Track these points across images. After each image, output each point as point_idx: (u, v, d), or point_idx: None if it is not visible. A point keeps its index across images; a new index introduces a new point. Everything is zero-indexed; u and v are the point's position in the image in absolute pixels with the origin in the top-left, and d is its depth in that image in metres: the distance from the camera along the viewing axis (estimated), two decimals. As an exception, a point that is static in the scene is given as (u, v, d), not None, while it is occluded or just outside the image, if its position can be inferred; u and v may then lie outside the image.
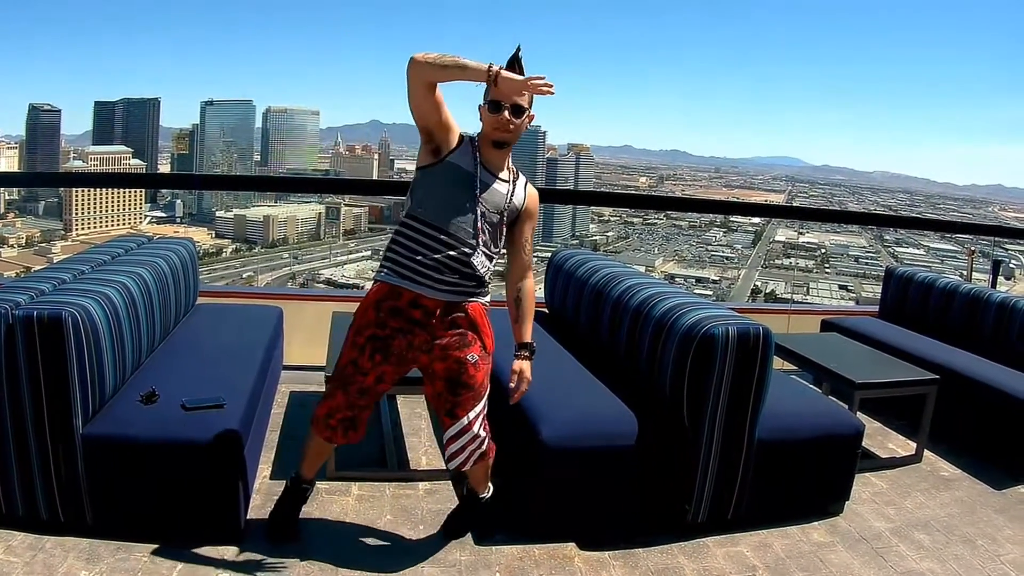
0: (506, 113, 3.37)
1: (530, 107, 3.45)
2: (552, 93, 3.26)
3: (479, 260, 3.51)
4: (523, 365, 3.67)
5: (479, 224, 3.46)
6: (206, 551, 3.60)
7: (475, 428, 3.58)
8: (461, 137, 3.48)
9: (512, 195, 3.55)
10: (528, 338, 3.74)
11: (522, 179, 3.65)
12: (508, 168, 3.58)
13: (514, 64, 3.36)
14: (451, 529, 3.96)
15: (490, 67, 3.25)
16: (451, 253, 3.44)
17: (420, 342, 3.52)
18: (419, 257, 3.46)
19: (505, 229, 3.61)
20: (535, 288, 3.79)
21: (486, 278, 3.63)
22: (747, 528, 4.17)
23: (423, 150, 3.50)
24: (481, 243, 3.49)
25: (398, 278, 3.50)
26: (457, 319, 3.58)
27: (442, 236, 3.45)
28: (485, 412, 3.66)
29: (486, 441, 3.66)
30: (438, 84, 3.30)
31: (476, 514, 3.98)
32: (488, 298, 3.71)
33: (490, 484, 3.94)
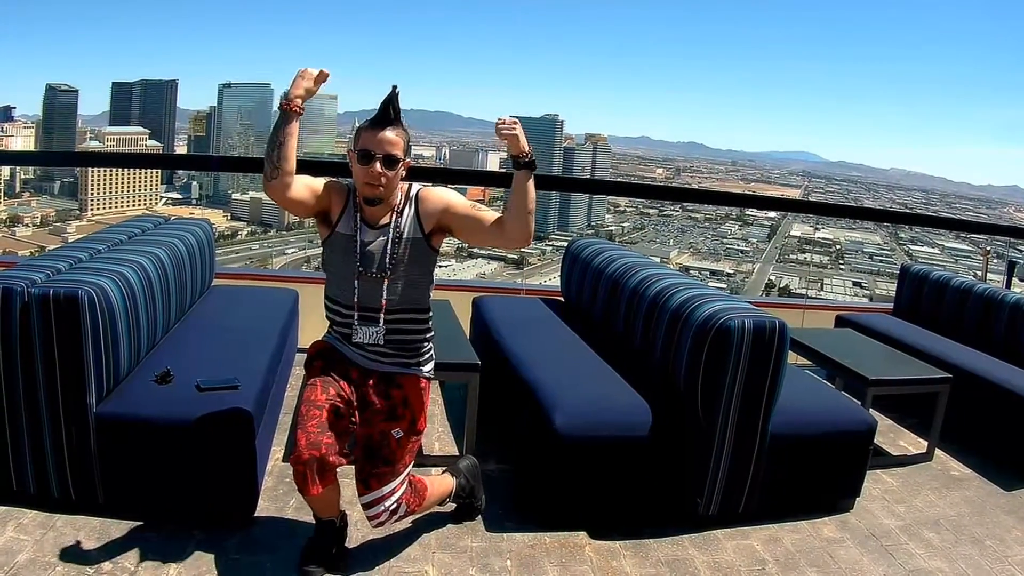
0: (377, 165, 3.20)
1: (406, 155, 3.29)
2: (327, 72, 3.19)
3: (364, 330, 3.35)
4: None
5: (356, 292, 3.32)
6: (217, 532, 3.61)
7: (387, 502, 3.38)
8: (342, 193, 3.37)
9: (399, 234, 3.33)
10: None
11: (411, 200, 3.39)
12: (392, 207, 3.35)
13: (388, 106, 3.24)
14: (461, 518, 3.97)
15: (281, 103, 3.17)
16: (354, 328, 3.37)
17: (356, 399, 3.40)
18: (338, 329, 3.45)
19: (417, 270, 3.38)
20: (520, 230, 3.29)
21: (422, 346, 3.50)
22: (757, 522, 4.17)
23: (316, 223, 3.44)
24: (359, 312, 3.34)
25: (336, 342, 3.48)
26: (391, 391, 3.44)
27: (342, 310, 3.39)
28: (403, 489, 3.44)
29: (401, 510, 3.45)
30: (291, 180, 3.19)
31: (465, 512, 3.98)
32: (430, 369, 3.56)
33: (450, 488, 3.85)
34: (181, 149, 78.02)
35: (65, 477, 3.62)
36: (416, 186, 3.42)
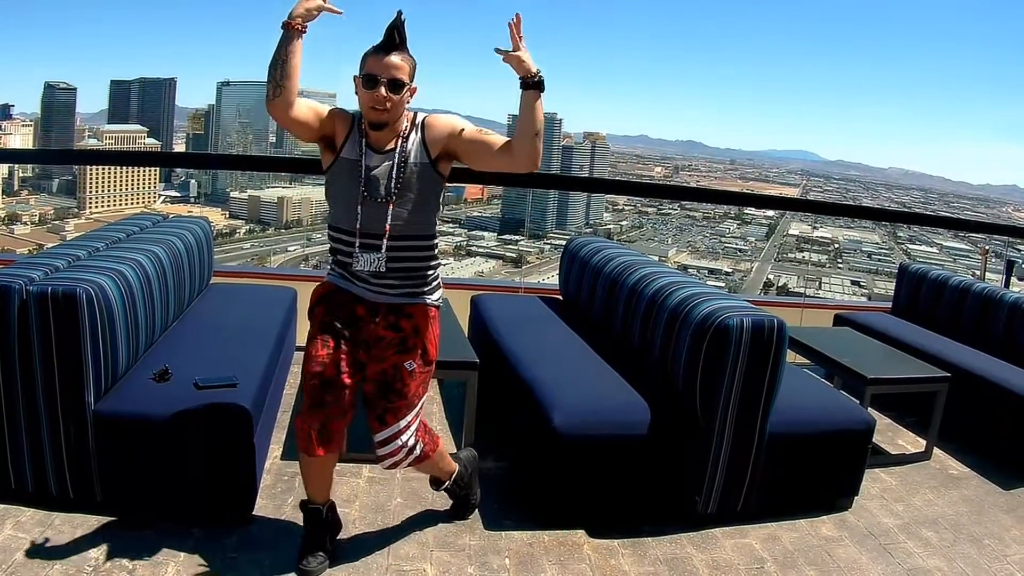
0: (382, 89, 3.17)
1: (412, 79, 3.26)
2: (339, 12, 3.16)
3: (365, 257, 3.29)
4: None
5: (359, 219, 3.27)
6: (215, 530, 3.61)
7: (404, 437, 3.39)
8: (346, 119, 3.35)
9: (404, 160, 3.30)
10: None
11: (417, 126, 3.36)
12: (397, 132, 3.32)
13: (393, 31, 3.21)
14: (457, 514, 3.97)
15: (284, 22, 3.12)
16: (355, 255, 3.31)
17: (362, 337, 3.39)
18: (341, 259, 3.38)
19: (423, 195, 3.34)
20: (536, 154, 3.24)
21: (428, 274, 3.46)
22: (756, 520, 4.17)
23: (320, 149, 3.40)
24: (360, 240, 3.28)
25: (339, 279, 3.43)
26: (400, 322, 3.42)
27: (344, 237, 3.33)
28: (418, 422, 3.46)
29: (417, 449, 3.47)
30: (294, 99, 3.18)
31: (460, 507, 3.99)
32: (438, 297, 3.53)
33: (454, 469, 3.86)
34: (180, 147, 77.89)
35: (63, 475, 3.62)
36: (422, 114, 3.39)
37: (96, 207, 60.81)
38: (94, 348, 3.50)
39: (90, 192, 61.67)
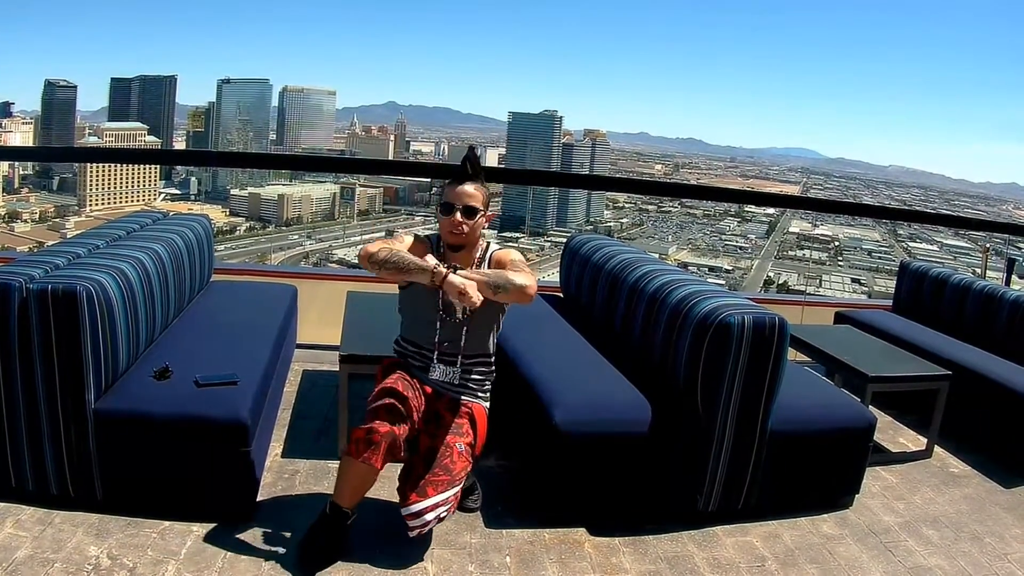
0: (458, 215, 3.56)
1: (486, 208, 3.65)
2: (474, 304, 3.41)
3: (440, 369, 3.68)
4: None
5: (438, 335, 3.66)
6: (216, 528, 3.61)
7: (440, 510, 3.43)
8: (425, 244, 3.69)
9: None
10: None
11: (487, 257, 3.77)
12: (473, 258, 3.73)
13: (466, 163, 3.57)
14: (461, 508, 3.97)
15: (434, 269, 3.41)
16: (432, 365, 3.68)
17: (425, 410, 3.62)
18: (414, 363, 3.74)
19: (491, 319, 3.73)
20: (526, 280, 3.55)
21: (487, 382, 3.82)
22: (757, 518, 4.17)
23: None
24: (438, 353, 3.67)
25: (411, 368, 3.72)
26: (461, 410, 3.70)
27: (421, 351, 3.72)
28: (453, 501, 3.50)
29: (445, 518, 3.51)
30: None
31: (461, 508, 3.99)
32: (487, 405, 3.83)
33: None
34: (180, 145, 77.88)
35: (64, 473, 3.62)
36: (494, 245, 3.80)
37: (96, 205, 60.90)
38: (94, 346, 3.49)
39: (90, 190, 61.77)
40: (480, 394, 3.79)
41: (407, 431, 3.46)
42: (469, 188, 3.60)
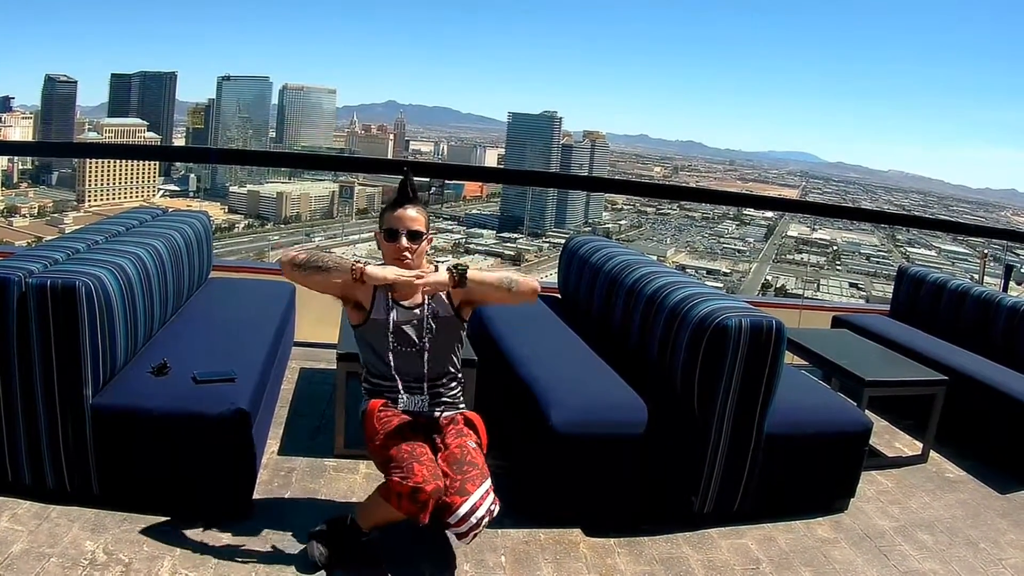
0: (403, 240, 3.49)
1: (427, 229, 3.57)
2: (427, 288, 3.40)
3: (410, 399, 3.59)
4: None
5: (393, 365, 3.56)
6: (213, 524, 3.61)
7: (487, 502, 3.32)
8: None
9: (434, 313, 3.56)
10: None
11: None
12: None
13: (406, 187, 3.51)
14: None
15: (353, 266, 3.35)
16: (399, 396, 3.58)
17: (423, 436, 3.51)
18: (387, 395, 3.60)
19: (451, 341, 3.63)
20: (526, 282, 3.56)
21: (459, 396, 3.75)
22: (752, 521, 4.18)
23: (347, 309, 3.62)
24: (402, 384, 3.58)
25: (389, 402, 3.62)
26: (455, 417, 3.65)
27: (383, 381, 3.61)
28: (494, 496, 3.39)
29: (496, 509, 3.38)
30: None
31: None
32: (467, 409, 3.77)
33: None
34: (179, 141, 77.80)
35: (61, 468, 3.62)
36: (443, 267, 3.54)
37: (95, 200, 60.75)
38: (92, 341, 3.50)
39: (89, 185, 61.62)
40: (460, 405, 3.73)
41: (443, 478, 3.33)
42: (411, 212, 3.52)
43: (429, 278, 3.37)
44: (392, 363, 3.55)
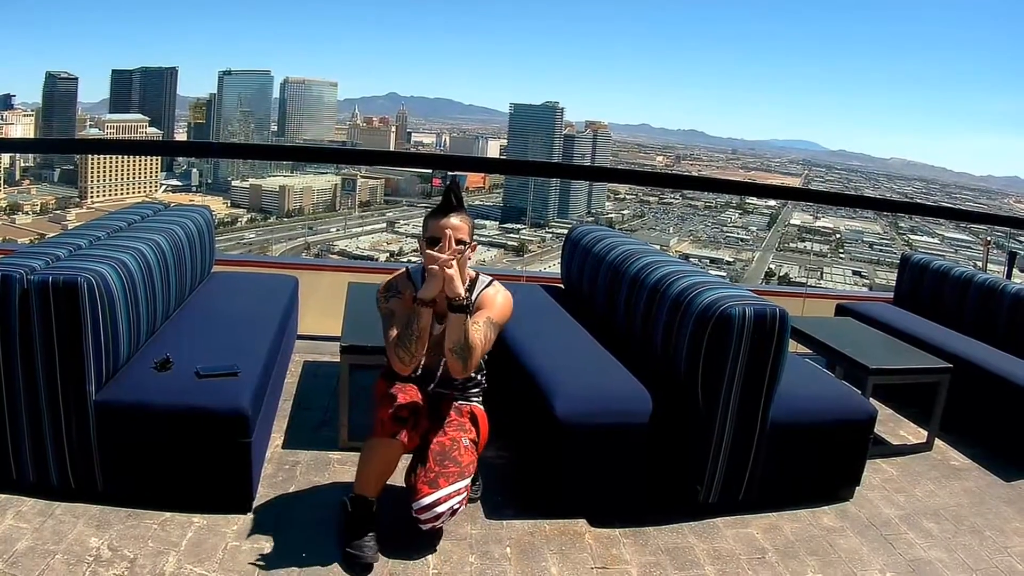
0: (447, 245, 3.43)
1: (471, 237, 3.53)
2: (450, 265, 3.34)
3: (432, 389, 3.69)
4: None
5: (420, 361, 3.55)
6: (217, 519, 3.62)
7: (452, 501, 3.42)
8: (410, 284, 3.61)
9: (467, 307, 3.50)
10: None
11: (480, 286, 3.71)
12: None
13: (450, 195, 3.47)
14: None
15: (419, 309, 3.39)
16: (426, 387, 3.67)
17: (429, 408, 3.62)
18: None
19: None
20: (476, 336, 3.49)
21: (476, 391, 3.84)
22: (757, 510, 4.17)
23: None
24: (429, 380, 3.68)
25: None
26: (463, 408, 3.73)
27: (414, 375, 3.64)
28: (464, 493, 3.48)
29: (458, 510, 3.49)
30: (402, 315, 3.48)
31: None
32: (483, 408, 3.85)
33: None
34: (181, 136, 77.74)
35: (64, 465, 3.63)
36: (484, 281, 3.74)
37: (97, 196, 60.73)
38: (95, 337, 3.50)
39: (91, 181, 61.59)
40: (475, 399, 3.81)
41: (422, 423, 3.52)
42: (455, 220, 3.46)
43: (454, 272, 3.35)
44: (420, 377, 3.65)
